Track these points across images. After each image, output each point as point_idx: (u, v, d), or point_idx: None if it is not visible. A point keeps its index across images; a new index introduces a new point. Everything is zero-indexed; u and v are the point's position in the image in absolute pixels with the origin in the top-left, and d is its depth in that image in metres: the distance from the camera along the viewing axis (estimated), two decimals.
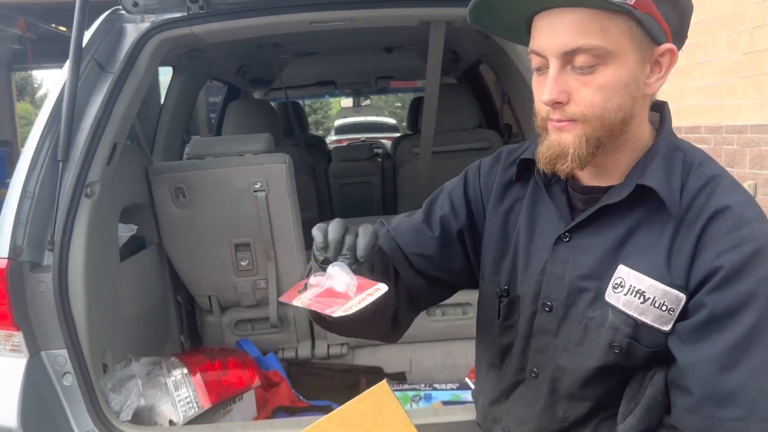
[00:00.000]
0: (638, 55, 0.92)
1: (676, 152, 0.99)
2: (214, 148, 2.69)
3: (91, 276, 2.00)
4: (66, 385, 1.92)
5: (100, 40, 2.17)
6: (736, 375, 0.88)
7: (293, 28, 2.38)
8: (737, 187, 0.96)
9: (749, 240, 0.89)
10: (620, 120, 0.94)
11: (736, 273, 0.89)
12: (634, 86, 0.93)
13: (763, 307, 0.88)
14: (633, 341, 0.97)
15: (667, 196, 0.95)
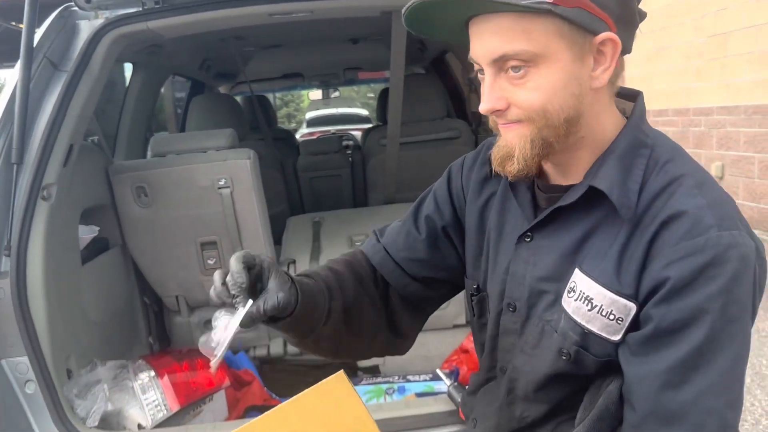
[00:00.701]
0: (572, 52, 0.87)
1: (641, 149, 0.92)
2: (176, 145, 2.64)
3: (51, 280, 1.95)
4: (29, 393, 1.88)
5: (52, 38, 2.11)
6: (682, 394, 0.83)
7: (252, 21, 2.34)
8: (704, 188, 0.87)
9: (703, 249, 0.82)
10: (564, 120, 0.89)
11: (684, 286, 0.83)
12: (574, 84, 0.88)
13: (713, 323, 0.82)
14: (581, 349, 0.93)
15: (618, 198, 0.89)
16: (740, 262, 0.82)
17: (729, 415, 0.83)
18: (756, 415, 3.10)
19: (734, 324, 0.82)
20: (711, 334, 0.82)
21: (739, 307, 0.83)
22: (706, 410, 0.82)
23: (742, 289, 0.83)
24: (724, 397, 0.83)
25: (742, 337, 0.83)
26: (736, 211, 0.87)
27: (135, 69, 3.39)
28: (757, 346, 3.87)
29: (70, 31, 2.18)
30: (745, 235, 0.85)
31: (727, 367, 0.82)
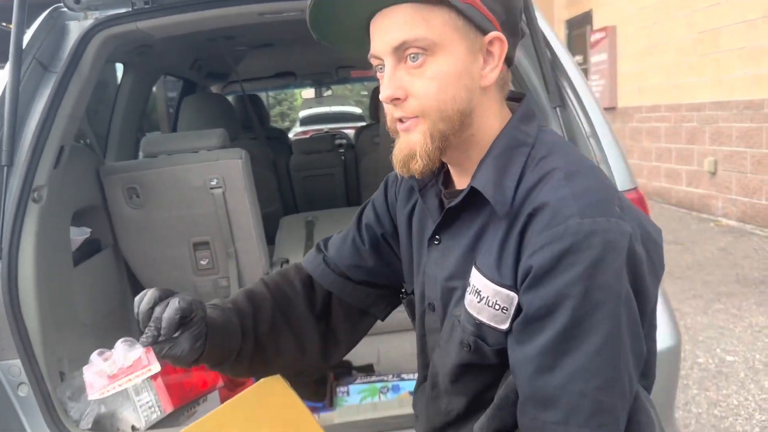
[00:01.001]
0: (465, 46, 0.93)
1: (519, 147, 0.96)
2: (167, 146, 2.64)
3: (43, 283, 1.94)
4: (21, 396, 1.87)
5: (41, 39, 2.10)
6: (554, 378, 0.85)
7: (242, 20, 2.33)
8: (573, 179, 0.90)
9: (562, 237, 0.84)
10: (458, 111, 0.94)
11: (545, 273, 0.86)
12: (467, 77, 0.93)
13: (575, 308, 0.84)
14: (478, 339, 0.97)
15: (492, 196, 0.93)
16: (603, 248, 0.84)
17: (603, 397, 0.84)
18: (749, 410, 3.11)
19: (599, 309, 0.84)
20: (575, 319, 0.84)
21: (605, 292, 0.84)
22: (578, 393, 0.84)
23: (607, 274, 0.84)
24: (597, 380, 0.84)
25: (612, 320, 0.84)
26: (609, 200, 0.89)
27: (126, 69, 3.38)
28: (750, 341, 3.89)
29: (59, 32, 2.17)
30: (618, 221, 0.86)
31: (597, 350, 0.84)
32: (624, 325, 0.85)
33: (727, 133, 6.88)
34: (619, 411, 0.86)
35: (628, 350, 0.86)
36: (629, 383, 0.87)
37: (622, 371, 0.85)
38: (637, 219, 0.91)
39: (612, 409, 0.85)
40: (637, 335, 0.88)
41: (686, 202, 7.81)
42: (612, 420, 0.85)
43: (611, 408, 0.85)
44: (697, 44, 7.29)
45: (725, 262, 5.51)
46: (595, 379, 0.84)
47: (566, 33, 11.22)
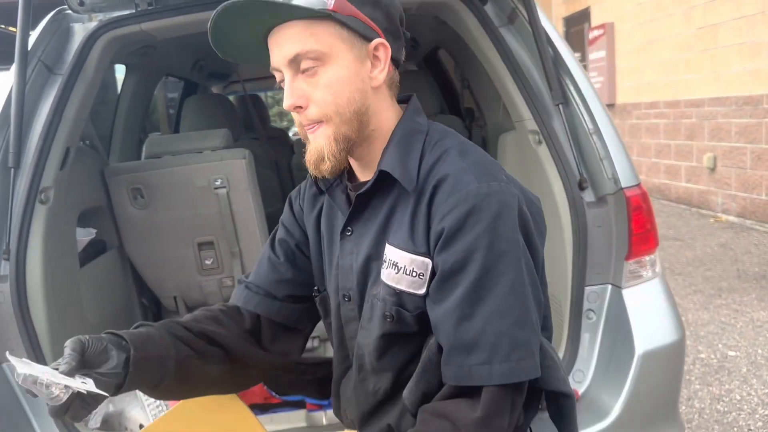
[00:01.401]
0: (352, 54, 1.04)
1: (416, 134, 1.09)
2: (171, 146, 2.65)
3: (50, 283, 1.96)
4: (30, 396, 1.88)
5: (46, 41, 2.12)
6: (474, 324, 0.97)
7: None
8: (466, 155, 1.04)
9: (465, 200, 0.98)
10: (354, 112, 1.05)
11: (455, 232, 0.98)
12: (358, 81, 1.04)
13: (484, 258, 0.96)
14: (399, 308, 1.07)
15: (400, 175, 1.05)
16: (499, 206, 0.98)
17: (518, 333, 0.97)
18: (752, 405, 3.13)
19: (505, 256, 0.97)
20: (485, 267, 0.97)
21: (506, 242, 0.97)
22: (496, 333, 0.96)
23: (506, 227, 0.98)
24: (510, 319, 0.97)
25: (515, 266, 0.98)
26: (497, 169, 1.04)
27: (128, 70, 3.38)
28: (752, 336, 3.91)
29: (64, 34, 2.18)
30: (507, 185, 1.01)
31: (507, 293, 0.97)
32: (525, 272, 0.99)
33: (726, 128, 6.90)
34: (533, 345, 0.98)
35: (531, 294, 0.99)
36: (536, 322, 1.00)
37: (530, 310, 0.98)
38: (520, 187, 1.05)
39: (526, 343, 0.97)
40: (535, 283, 1.01)
41: (686, 198, 7.82)
42: (528, 353, 0.97)
43: (526, 342, 0.97)
44: (696, 40, 7.31)
45: (726, 258, 5.53)
46: (509, 318, 0.97)
47: (564, 30, 11.22)
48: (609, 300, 1.94)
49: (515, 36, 2.16)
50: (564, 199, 1.96)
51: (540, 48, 2.00)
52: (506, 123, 2.61)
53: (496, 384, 0.96)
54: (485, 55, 2.19)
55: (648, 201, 1.96)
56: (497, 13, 2.19)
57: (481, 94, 3.41)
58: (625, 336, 1.88)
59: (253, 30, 1.04)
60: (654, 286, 1.97)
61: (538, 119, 2.02)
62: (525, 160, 2.27)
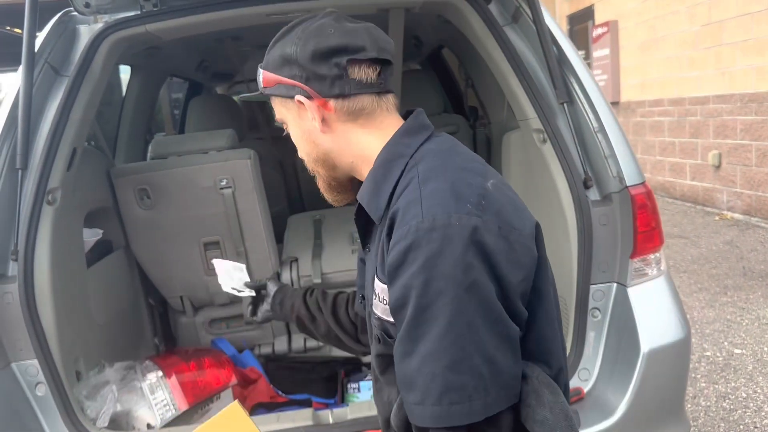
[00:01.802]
0: (292, 114, 1.16)
1: (397, 159, 1.09)
2: (177, 147, 2.66)
3: (58, 284, 1.97)
4: (39, 396, 1.90)
5: (52, 43, 2.13)
6: (411, 362, 0.96)
7: (250, 21, 2.35)
8: (426, 182, 1.01)
9: (406, 236, 0.95)
10: (315, 160, 1.17)
11: (395, 269, 0.97)
12: (306, 134, 1.16)
13: (418, 298, 0.94)
14: (382, 332, 1.11)
15: (367, 205, 1.10)
16: (441, 242, 0.93)
17: (451, 377, 0.93)
18: (758, 402, 3.13)
19: (441, 296, 0.92)
20: (419, 307, 0.94)
21: (444, 281, 0.92)
22: (429, 375, 0.94)
23: (446, 265, 0.92)
24: (444, 362, 0.93)
25: (453, 306, 0.92)
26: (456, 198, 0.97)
27: (133, 71, 3.40)
28: (758, 334, 3.91)
29: (70, 36, 2.19)
30: (463, 216, 0.95)
31: (441, 334, 0.92)
32: (471, 310, 0.93)
33: (731, 126, 6.88)
34: (470, 389, 0.93)
35: (485, 332, 0.93)
36: (489, 363, 0.93)
37: (471, 352, 0.93)
38: (499, 212, 0.98)
39: (462, 387, 0.93)
40: (495, 319, 0.94)
41: (691, 196, 7.81)
42: (462, 397, 0.93)
43: (461, 386, 0.93)
44: (700, 37, 7.29)
45: (731, 256, 5.52)
46: (442, 361, 0.93)
47: (568, 28, 11.21)
48: (614, 298, 1.95)
49: (519, 35, 2.16)
50: (569, 197, 1.96)
51: (544, 47, 2.00)
52: (511, 122, 2.61)
53: (429, 426, 0.95)
54: (489, 54, 2.20)
55: (653, 199, 1.96)
56: (501, 12, 2.19)
57: (485, 92, 3.41)
58: (630, 334, 1.88)
59: None
60: (659, 284, 1.97)
61: (543, 118, 2.02)
62: (530, 159, 2.28)
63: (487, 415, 0.94)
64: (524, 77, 2.07)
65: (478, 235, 0.94)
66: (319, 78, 1.10)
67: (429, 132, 1.13)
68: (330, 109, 1.11)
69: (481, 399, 0.93)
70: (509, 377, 0.96)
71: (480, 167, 1.07)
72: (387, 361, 1.14)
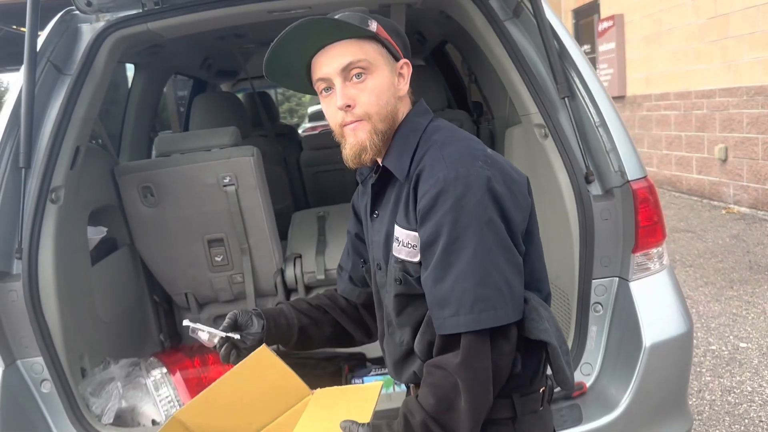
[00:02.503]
0: (389, 67, 1.31)
1: (413, 132, 1.31)
2: (180, 145, 2.67)
3: (63, 281, 1.98)
4: (44, 393, 1.91)
5: (55, 42, 2.14)
6: (445, 284, 1.18)
7: (252, 19, 2.36)
8: (445, 146, 1.24)
9: (434, 185, 1.19)
10: (390, 113, 1.30)
11: (428, 211, 1.20)
12: (392, 88, 1.31)
13: (450, 231, 1.17)
14: (404, 273, 1.29)
15: (394, 167, 1.30)
16: (464, 188, 1.17)
17: (480, 291, 1.16)
18: (764, 396, 3.12)
19: (468, 229, 1.17)
20: (450, 239, 1.17)
21: (469, 217, 1.17)
22: (461, 290, 1.16)
23: (470, 205, 1.17)
24: (473, 279, 1.16)
25: (478, 236, 1.17)
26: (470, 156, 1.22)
27: (137, 70, 3.41)
28: (764, 328, 3.89)
29: (72, 34, 2.20)
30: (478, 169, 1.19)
31: (470, 258, 1.16)
32: (490, 240, 1.17)
33: (737, 119, 6.84)
34: (495, 300, 1.16)
35: (501, 258, 1.18)
36: (505, 282, 1.18)
37: (492, 272, 1.17)
38: (501, 168, 1.24)
39: (488, 298, 1.16)
40: (507, 248, 1.19)
41: (697, 190, 7.78)
42: (488, 306, 1.16)
43: (487, 297, 1.16)
44: (706, 30, 7.25)
45: (737, 249, 5.50)
46: (472, 278, 1.16)
47: (573, 22, 11.16)
48: (616, 293, 1.94)
49: (521, 29, 2.16)
50: (570, 192, 1.96)
51: (545, 41, 2.00)
52: (513, 117, 2.61)
53: (464, 331, 1.16)
54: (491, 49, 2.19)
55: (655, 193, 1.96)
56: (502, 7, 2.19)
57: (488, 88, 3.41)
58: (632, 328, 1.88)
59: (308, 50, 1.28)
60: (662, 278, 1.97)
61: (544, 113, 2.02)
62: (532, 154, 2.27)
63: (508, 321, 1.17)
64: (525, 72, 2.07)
65: (492, 183, 1.19)
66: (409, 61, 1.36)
67: (431, 115, 1.37)
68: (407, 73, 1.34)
69: (503, 308, 1.17)
70: (519, 295, 1.20)
71: (477, 139, 1.31)
72: (405, 302, 1.32)
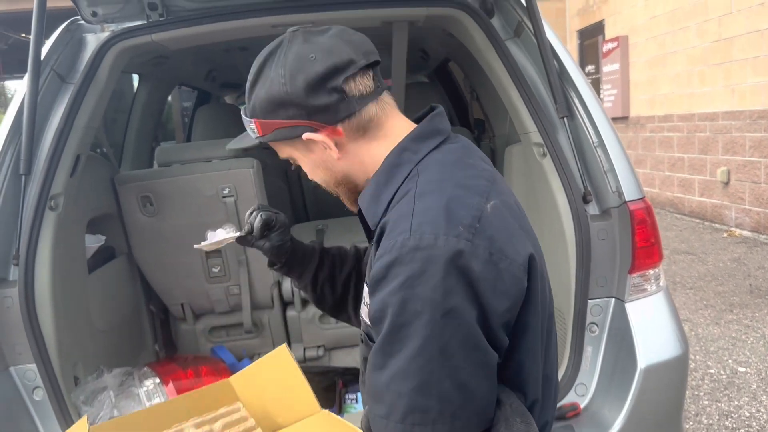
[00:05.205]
0: (300, 151, 1.12)
1: (401, 166, 1.06)
2: (181, 155, 2.68)
3: (58, 289, 1.98)
4: (37, 400, 1.91)
5: (59, 51, 2.16)
6: (382, 376, 0.95)
7: (255, 32, 2.38)
8: (421, 198, 0.98)
9: (389, 251, 0.94)
10: (338, 182, 1.14)
11: (377, 282, 0.95)
12: (321, 163, 1.12)
13: (394, 316, 0.92)
14: (366, 335, 1.12)
15: (366, 210, 1.09)
16: (423, 263, 0.91)
17: (416, 399, 0.92)
18: (761, 422, 3.10)
19: (417, 318, 0.91)
20: (394, 325, 0.93)
21: (422, 303, 0.90)
22: (396, 392, 0.93)
23: (425, 287, 0.90)
24: (411, 383, 0.92)
25: (428, 329, 0.91)
26: (448, 218, 0.94)
27: (141, 80, 3.43)
28: (763, 353, 3.87)
29: (76, 44, 2.22)
30: (451, 239, 0.92)
31: (412, 356, 0.91)
32: (447, 335, 0.91)
33: (740, 142, 6.85)
34: (435, 414, 0.92)
35: (459, 358, 0.92)
36: (459, 389, 0.93)
37: (441, 377, 0.92)
38: (492, 239, 0.95)
39: (426, 410, 0.92)
40: (473, 346, 0.93)
41: (699, 212, 7.77)
42: (425, 420, 0.92)
43: (426, 409, 0.92)
44: (710, 53, 7.28)
45: (738, 273, 5.48)
46: (410, 381, 0.92)
47: (578, 43, 11.22)
48: (612, 313, 1.94)
49: (521, 49, 2.17)
50: (568, 211, 1.96)
51: (545, 61, 2.01)
52: (513, 135, 2.62)
53: None
54: (491, 68, 2.21)
55: (652, 215, 1.96)
56: (503, 26, 2.20)
57: (489, 106, 3.42)
58: (627, 350, 1.87)
59: None
60: (658, 300, 1.97)
61: (543, 132, 2.03)
62: (530, 173, 2.28)
63: None
64: (525, 91, 2.08)
65: (463, 259, 0.91)
66: (322, 109, 1.04)
67: (442, 137, 1.09)
68: (340, 133, 1.06)
69: (447, 424, 0.93)
70: (483, 404, 0.95)
71: (484, 185, 1.02)
72: None
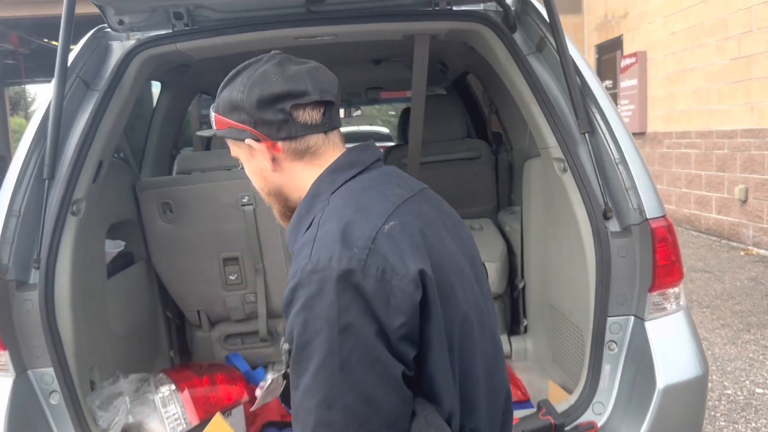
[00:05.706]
0: (244, 154, 1.21)
1: (319, 196, 1.15)
2: (201, 163, 2.70)
3: (78, 293, 1.99)
4: (53, 404, 1.92)
5: (85, 58, 2.18)
6: (296, 395, 1.01)
7: (278, 44, 2.39)
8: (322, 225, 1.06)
9: (293, 277, 1.02)
10: (269, 193, 1.23)
11: (285, 307, 1.03)
12: (258, 171, 1.21)
13: (299, 336, 0.99)
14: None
15: (288, 237, 1.18)
16: (319, 284, 0.98)
17: (321, 413, 0.98)
18: None
19: (318, 335, 0.97)
20: (300, 345, 0.99)
21: (320, 322, 0.97)
22: (306, 409, 0.99)
23: (322, 306, 0.98)
24: (316, 398, 0.98)
25: (327, 345, 0.97)
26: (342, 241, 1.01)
27: (163, 87, 3.46)
28: (747, 370, 3.82)
29: (102, 51, 2.25)
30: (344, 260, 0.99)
31: (314, 373, 0.98)
32: (345, 350, 0.97)
33: (758, 160, 6.79)
34: (341, 426, 0.98)
35: (360, 372, 0.97)
36: (364, 401, 0.98)
37: (344, 391, 0.97)
38: (385, 257, 1.01)
39: (332, 424, 0.98)
40: (374, 360, 0.98)
41: (716, 230, 7.70)
42: None
43: (331, 422, 0.98)
44: (729, 71, 7.24)
45: (756, 292, 5.42)
46: (315, 397, 0.98)
47: (596, 58, 11.20)
48: (631, 332, 1.92)
49: (543, 64, 2.17)
50: (588, 227, 1.95)
51: (567, 77, 2.01)
52: (533, 149, 2.61)
53: None
54: (512, 82, 2.21)
55: (673, 233, 1.94)
56: (525, 41, 2.21)
57: (508, 119, 3.42)
58: (646, 369, 1.86)
59: None
60: (678, 319, 1.95)
61: (564, 147, 2.02)
62: (550, 188, 2.27)
63: None
64: (546, 106, 2.08)
65: (355, 278, 0.98)
66: (266, 123, 1.15)
67: (359, 168, 1.17)
68: (279, 150, 1.16)
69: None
70: (394, 416, 1.00)
71: (386, 207, 1.08)
72: None
